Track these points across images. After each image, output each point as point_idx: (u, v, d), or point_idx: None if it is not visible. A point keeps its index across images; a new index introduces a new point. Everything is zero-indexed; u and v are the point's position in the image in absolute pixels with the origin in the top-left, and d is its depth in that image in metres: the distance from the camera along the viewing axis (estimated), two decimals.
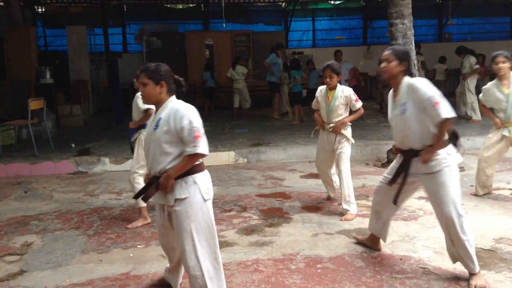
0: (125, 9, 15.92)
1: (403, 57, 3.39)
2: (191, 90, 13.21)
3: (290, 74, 10.92)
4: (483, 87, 5.19)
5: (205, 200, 2.95)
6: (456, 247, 3.30)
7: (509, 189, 5.54)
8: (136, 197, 3.37)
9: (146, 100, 3.04)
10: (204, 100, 12.30)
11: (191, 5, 16.24)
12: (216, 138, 8.64)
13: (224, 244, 4.17)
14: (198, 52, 14.10)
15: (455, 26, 16.77)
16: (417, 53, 9.27)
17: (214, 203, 5.29)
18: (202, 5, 15.80)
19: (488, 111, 5.17)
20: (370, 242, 3.94)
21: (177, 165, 2.87)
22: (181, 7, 16.36)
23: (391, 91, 3.56)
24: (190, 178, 2.90)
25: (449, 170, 3.28)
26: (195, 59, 13.92)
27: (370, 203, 4.51)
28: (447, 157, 3.29)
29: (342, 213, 4.82)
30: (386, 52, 3.44)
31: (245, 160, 7.55)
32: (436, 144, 3.27)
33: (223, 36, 14.23)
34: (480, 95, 5.19)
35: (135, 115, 4.73)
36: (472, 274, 3.30)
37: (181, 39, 14.43)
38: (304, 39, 16.92)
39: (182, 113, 2.86)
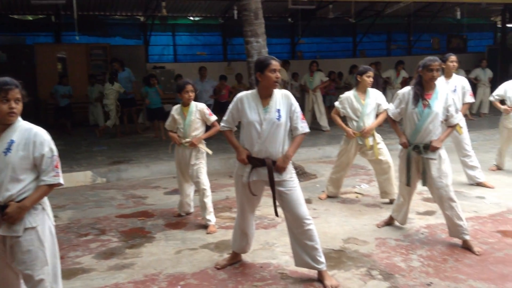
0: None
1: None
2: (42, 107, 12.24)
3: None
4: (341, 95, 5.64)
5: (53, 225, 2.83)
6: (306, 250, 3.53)
7: (356, 192, 6.10)
8: None
9: None
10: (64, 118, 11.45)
11: (41, 16, 15.07)
12: (71, 158, 8.09)
13: (80, 271, 3.90)
14: (49, 66, 13.10)
15: (306, 44, 18.10)
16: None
17: (68, 227, 5.01)
18: (52, 16, 14.77)
19: (341, 122, 5.57)
20: (233, 259, 3.99)
21: (34, 196, 2.68)
22: (30, 18, 15.07)
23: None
24: (39, 206, 2.75)
25: (296, 178, 3.57)
26: (45, 74, 12.92)
27: (233, 215, 4.61)
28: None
29: (205, 226, 4.85)
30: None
31: (104, 179, 7.19)
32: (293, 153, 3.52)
33: (77, 49, 13.46)
34: (336, 103, 5.62)
35: None
36: (321, 271, 3.54)
37: (29, 52, 13.30)
38: (165, 53, 16.79)
39: (43, 138, 2.68)
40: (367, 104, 5.36)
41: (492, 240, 4.27)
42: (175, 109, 5.01)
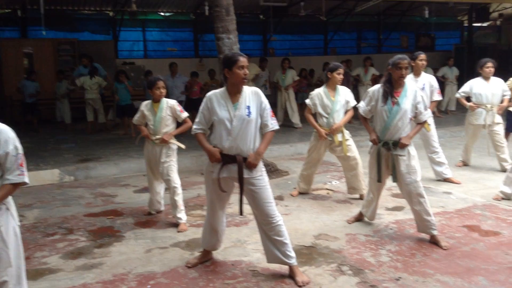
0: None
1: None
2: (8, 103, 11.88)
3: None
4: (311, 92, 5.66)
5: (17, 225, 2.74)
6: (276, 245, 3.54)
7: (327, 189, 6.15)
8: None
9: None
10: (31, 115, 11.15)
11: (6, 11, 14.60)
12: (37, 156, 7.89)
13: (46, 272, 3.81)
14: (15, 61, 12.73)
15: (278, 42, 18.15)
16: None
17: (35, 227, 4.88)
18: (19, 10, 14.33)
19: (315, 122, 5.57)
20: (204, 257, 3.96)
21: None
22: None
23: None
24: (3, 205, 2.67)
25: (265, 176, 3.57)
26: (11, 69, 12.54)
27: (205, 213, 4.58)
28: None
29: (176, 225, 4.80)
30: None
31: (72, 177, 7.03)
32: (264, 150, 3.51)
33: (44, 45, 13.10)
34: (307, 100, 5.64)
35: None
36: (292, 267, 3.56)
37: None
38: (135, 49, 16.55)
39: (7, 136, 2.61)
40: (337, 101, 5.40)
41: (459, 235, 4.37)
42: (145, 105, 4.94)
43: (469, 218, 4.82)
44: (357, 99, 5.60)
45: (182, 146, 4.98)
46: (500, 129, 6.65)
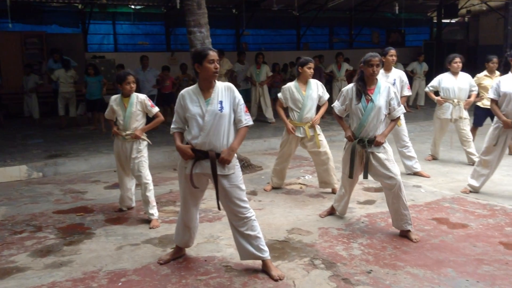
0: None
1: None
2: None
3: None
4: (283, 86, 5.65)
5: None
6: (249, 240, 3.54)
7: (300, 183, 6.18)
8: None
9: None
10: None
11: None
12: (4, 151, 7.67)
13: (14, 270, 3.71)
14: None
15: (251, 36, 18.12)
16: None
17: (2, 225, 4.75)
18: None
19: (284, 117, 5.59)
20: (177, 254, 3.92)
21: None
22: None
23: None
24: None
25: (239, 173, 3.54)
26: None
27: (177, 209, 4.54)
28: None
29: (148, 221, 4.74)
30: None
31: (41, 174, 6.85)
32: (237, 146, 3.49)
33: (10, 38, 12.72)
34: (279, 94, 5.64)
35: None
36: (266, 262, 3.57)
37: None
38: (105, 42, 16.24)
39: None
40: (308, 95, 5.42)
41: (428, 227, 4.46)
42: (114, 100, 4.85)
43: (438, 211, 4.93)
44: (332, 95, 5.64)
45: (149, 141, 4.92)
46: (466, 124, 6.81)
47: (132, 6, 15.83)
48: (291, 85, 5.51)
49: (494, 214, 4.77)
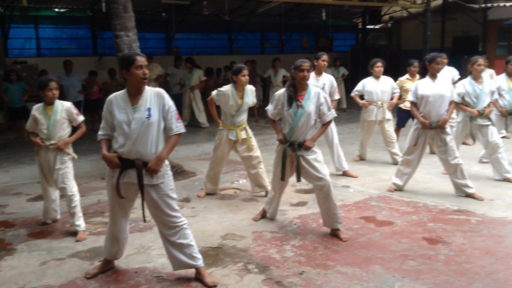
0: None
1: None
2: None
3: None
4: (220, 89, 5.57)
5: None
6: (181, 249, 3.47)
7: (234, 188, 6.17)
8: None
9: None
10: None
11: None
12: None
13: None
14: None
15: (182, 40, 17.93)
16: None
17: None
18: None
19: (214, 110, 5.63)
20: (105, 267, 3.77)
21: None
22: None
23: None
24: None
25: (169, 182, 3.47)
26: None
27: (106, 220, 4.36)
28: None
29: (74, 234, 4.52)
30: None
31: None
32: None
33: None
34: (214, 92, 5.57)
35: None
36: (199, 269, 3.52)
37: None
38: (27, 47, 15.40)
39: None
40: (245, 103, 5.47)
41: (357, 226, 4.61)
42: (36, 109, 4.59)
43: (365, 210, 5.11)
44: (268, 100, 5.70)
45: (75, 156, 4.69)
46: (390, 125, 7.14)
47: (56, 9, 15.13)
48: (229, 91, 5.47)
49: (417, 211, 5.02)
